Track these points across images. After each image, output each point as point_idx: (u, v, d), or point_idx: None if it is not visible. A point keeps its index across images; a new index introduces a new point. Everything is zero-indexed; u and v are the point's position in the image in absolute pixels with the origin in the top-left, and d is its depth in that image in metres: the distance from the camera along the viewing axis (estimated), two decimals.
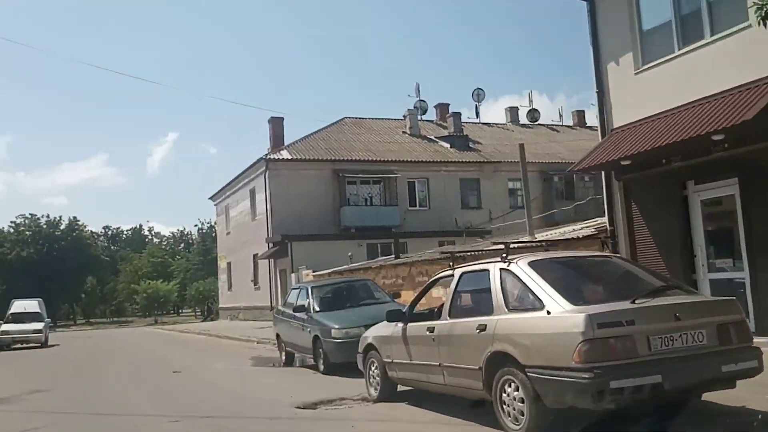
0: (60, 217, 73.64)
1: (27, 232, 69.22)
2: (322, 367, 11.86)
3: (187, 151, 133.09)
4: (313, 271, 28.59)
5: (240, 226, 40.61)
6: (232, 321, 40.78)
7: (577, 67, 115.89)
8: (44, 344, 26.72)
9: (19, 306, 29.35)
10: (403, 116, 42.84)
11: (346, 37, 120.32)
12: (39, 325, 27.05)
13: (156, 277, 71.78)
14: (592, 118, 50.42)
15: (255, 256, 37.49)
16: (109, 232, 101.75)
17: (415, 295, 9.01)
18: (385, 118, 43.74)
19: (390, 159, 37.15)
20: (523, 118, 48.03)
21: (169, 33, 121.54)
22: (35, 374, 15.64)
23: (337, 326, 11.60)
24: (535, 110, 48.67)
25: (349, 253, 29.39)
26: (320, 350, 11.85)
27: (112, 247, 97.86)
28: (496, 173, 39.34)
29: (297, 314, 12.89)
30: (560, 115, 49.60)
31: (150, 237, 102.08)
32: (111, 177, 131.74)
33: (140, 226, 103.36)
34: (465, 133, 41.87)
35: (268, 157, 34.76)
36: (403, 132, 41.53)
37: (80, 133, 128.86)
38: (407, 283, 20.06)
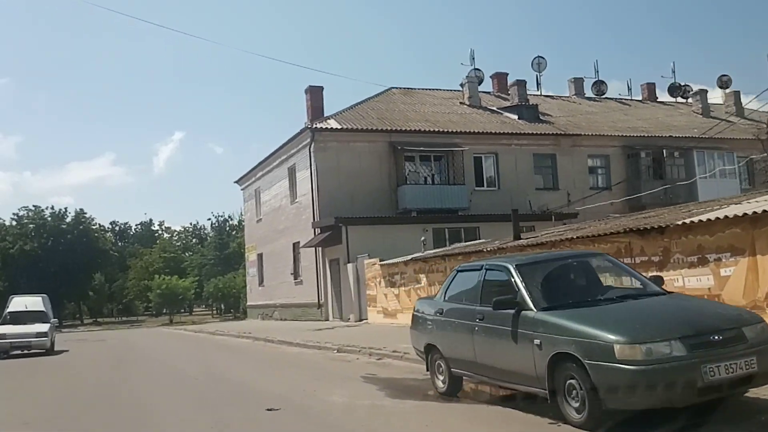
0: (66, 209, 68.44)
1: (30, 225, 63.85)
2: (574, 416, 6.28)
3: (195, 150, 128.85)
4: (380, 260, 23.14)
5: (274, 211, 35.15)
6: (264, 321, 35.36)
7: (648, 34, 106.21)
8: (50, 351, 21.33)
9: (18, 303, 23.87)
10: (460, 85, 37.33)
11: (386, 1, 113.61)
12: (43, 327, 21.60)
13: (168, 273, 66.41)
14: (663, 92, 45.00)
15: (296, 245, 32.04)
16: (117, 228, 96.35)
17: None
18: (437, 89, 38.26)
19: (453, 130, 31.66)
20: (588, 91, 42.47)
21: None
22: (40, 404, 10.23)
23: (623, 338, 5.98)
24: (602, 82, 43.08)
25: (423, 238, 24.12)
26: (571, 382, 6.30)
27: (119, 243, 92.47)
28: (575, 148, 33.85)
29: (495, 312, 7.31)
30: (629, 88, 44.03)
31: (160, 232, 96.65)
32: (119, 176, 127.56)
33: (150, 220, 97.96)
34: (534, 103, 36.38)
35: (314, 126, 29.28)
36: (461, 103, 36.06)
37: (88, 132, 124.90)
38: None
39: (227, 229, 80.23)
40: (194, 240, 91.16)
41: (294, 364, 13.72)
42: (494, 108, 36.23)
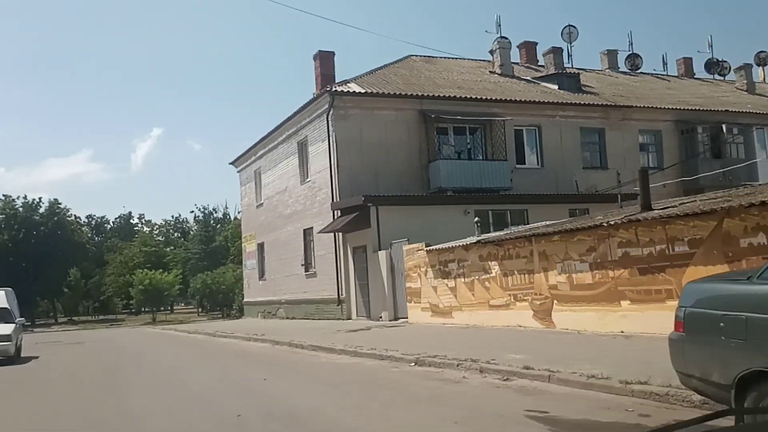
0: (39, 199, 63.09)
1: (0, 216, 58.55)
2: None
3: (174, 146, 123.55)
4: (426, 246, 18.78)
5: (279, 194, 30.60)
6: (267, 320, 30.84)
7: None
8: (14, 358, 16.72)
9: None
10: (490, 52, 33.01)
11: None
12: (6, 329, 16.90)
13: (150, 268, 61.35)
14: (700, 68, 41.01)
15: (307, 231, 27.56)
16: (94, 222, 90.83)
17: None
18: (461, 58, 33.97)
19: (492, 98, 27.36)
20: (621, 65, 38.38)
21: None
22: None
23: None
24: (636, 55, 39.00)
25: (476, 219, 19.91)
26: None
27: (96, 238, 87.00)
28: (624, 122, 29.68)
29: None
30: (664, 63, 40.02)
31: (140, 225, 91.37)
32: (96, 173, 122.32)
33: (130, 213, 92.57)
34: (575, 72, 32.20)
35: (333, 89, 24.78)
36: (491, 72, 31.74)
37: (64, 128, 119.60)
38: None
39: (212, 222, 75.48)
40: (177, 234, 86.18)
41: (378, 386, 9.25)
42: (528, 78, 31.99)
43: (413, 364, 11.05)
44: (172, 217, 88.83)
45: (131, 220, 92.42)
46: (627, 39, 41.15)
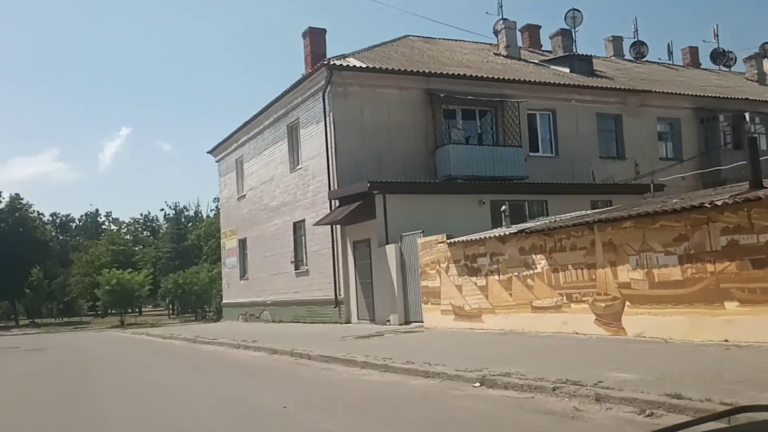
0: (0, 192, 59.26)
1: None
2: None
3: (143, 145, 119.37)
4: (448, 238, 16.17)
5: (265, 184, 27.71)
6: (250, 323, 27.97)
7: None
8: None
9: None
10: (494, 33, 30.44)
11: None
12: None
13: (118, 268, 57.69)
14: (705, 59, 38.99)
15: (298, 225, 24.76)
16: (58, 220, 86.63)
17: None
18: (462, 40, 31.41)
19: (504, 77, 24.83)
20: (626, 53, 36.15)
21: None
22: None
23: None
24: (642, 43, 36.87)
25: (503, 208, 17.45)
26: None
27: (61, 237, 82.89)
28: (643, 109, 27.36)
29: None
30: (669, 51, 37.90)
31: (107, 224, 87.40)
32: (62, 172, 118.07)
33: (97, 210, 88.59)
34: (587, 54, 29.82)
35: (332, 63, 21.99)
36: (496, 54, 29.22)
37: (30, 127, 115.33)
38: None
39: (183, 220, 72.08)
40: (146, 232, 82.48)
41: (464, 425, 6.54)
42: (536, 61, 29.55)
43: (478, 384, 8.35)
44: (141, 215, 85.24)
45: (98, 218, 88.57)
46: (631, 26, 38.89)
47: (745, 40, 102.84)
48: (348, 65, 22.00)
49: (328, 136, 21.91)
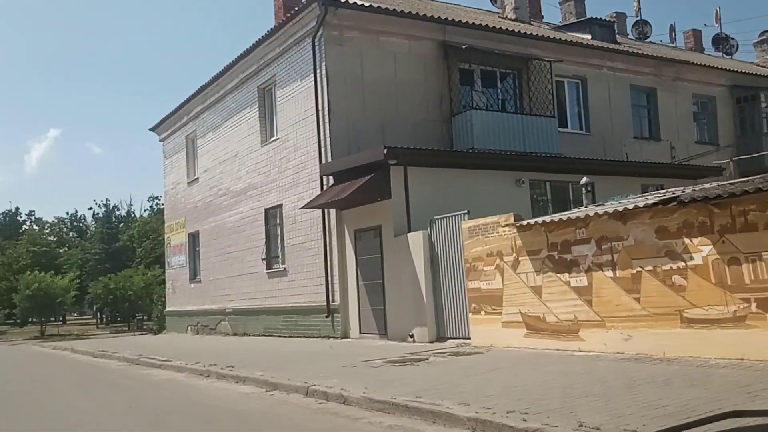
0: None
1: None
2: None
3: (72, 148, 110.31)
4: (517, 220, 11.38)
5: (226, 163, 22.35)
6: (202, 336, 22.62)
7: None
8: None
9: None
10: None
11: None
12: None
13: (39, 271, 50.68)
14: (708, 43, 35.46)
15: (271, 211, 19.57)
16: None
17: None
18: (458, 5, 26.72)
19: (531, 33, 20.27)
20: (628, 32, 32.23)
21: None
22: None
23: None
24: (645, 22, 32.93)
25: (584, 181, 12.67)
26: None
27: None
28: (677, 83, 23.23)
29: None
30: (673, 32, 34.13)
31: (29, 224, 79.32)
32: None
33: (17, 209, 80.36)
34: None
35: None
36: (502, 18, 24.65)
37: None
38: None
39: (114, 220, 65.27)
40: (72, 233, 74.93)
41: None
42: (553, 24, 25.17)
43: None
44: (67, 213, 77.69)
45: (18, 217, 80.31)
46: (633, 4, 34.98)
47: (741, 25, 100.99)
48: (347, 1, 16.92)
49: (319, 94, 16.83)
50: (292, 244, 18.26)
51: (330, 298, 16.47)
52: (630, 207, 9.50)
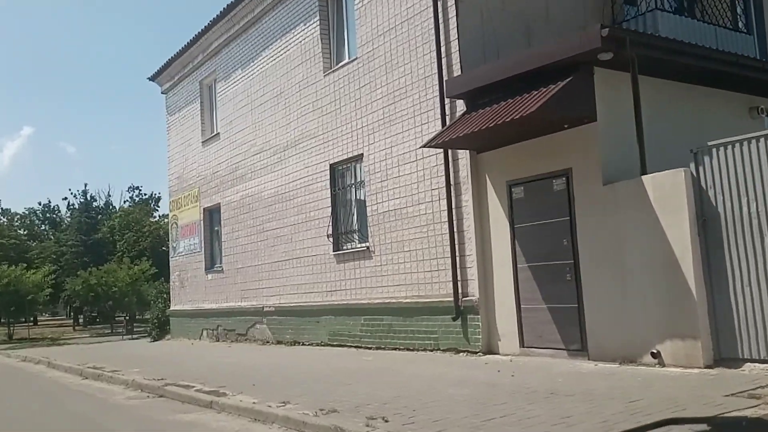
0: None
1: None
2: None
3: (46, 147, 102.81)
4: None
5: (264, 107, 16.25)
6: (229, 344, 16.58)
7: None
8: None
9: None
10: None
11: None
12: None
13: (8, 266, 43.94)
14: None
15: (342, 167, 13.54)
16: None
17: None
18: None
19: None
20: None
21: None
22: None
23: None
24: None
25: None
26: None
27: None
28: None
29: None
30: None
31: None
32: None
33: None
34: None
35: None
36: None
37: None
38: None
39: (92, 209, 58.65)
40: (45, 225, 67.92)
41: None
42: None
43: None
44: (40, 203, 70.81)
45: None
46: None
47: None
48: None
49: None
50: (382, 212, 12.23)
51: (460, 290, 10.50)
52: None
